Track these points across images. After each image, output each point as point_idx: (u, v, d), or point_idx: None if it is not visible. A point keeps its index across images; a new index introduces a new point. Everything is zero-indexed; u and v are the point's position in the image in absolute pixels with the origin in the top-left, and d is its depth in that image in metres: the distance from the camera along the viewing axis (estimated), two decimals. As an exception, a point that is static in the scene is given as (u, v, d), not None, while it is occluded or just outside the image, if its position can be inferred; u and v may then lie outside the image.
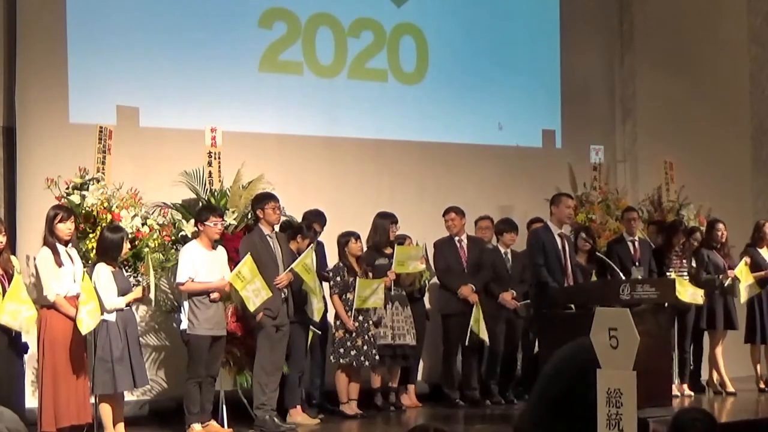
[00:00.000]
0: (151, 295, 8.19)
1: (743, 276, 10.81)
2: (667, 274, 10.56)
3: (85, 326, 7.61)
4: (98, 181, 8.61)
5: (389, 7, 11.28)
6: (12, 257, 7.79)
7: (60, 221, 7.89)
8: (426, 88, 11.47)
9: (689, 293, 10.40)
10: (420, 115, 11.40)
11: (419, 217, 10.66)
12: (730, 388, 10.95)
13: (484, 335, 10.06)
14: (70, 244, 8.01)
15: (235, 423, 8.80)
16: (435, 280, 10.52)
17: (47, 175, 8.49)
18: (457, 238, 10.32)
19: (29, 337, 7.80)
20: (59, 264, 7.82)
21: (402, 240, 10.04)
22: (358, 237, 9.61)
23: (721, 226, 11.14)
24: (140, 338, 8.42)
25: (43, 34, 9.30)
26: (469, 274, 10.24)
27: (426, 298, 10.62)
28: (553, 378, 5.46)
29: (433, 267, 10.42)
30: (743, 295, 10.86)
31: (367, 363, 9.51)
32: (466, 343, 10.11)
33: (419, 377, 10.61)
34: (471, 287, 10.13)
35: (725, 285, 10.91)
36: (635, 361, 5.39)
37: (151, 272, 8.11)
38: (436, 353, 10.60)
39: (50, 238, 7.87)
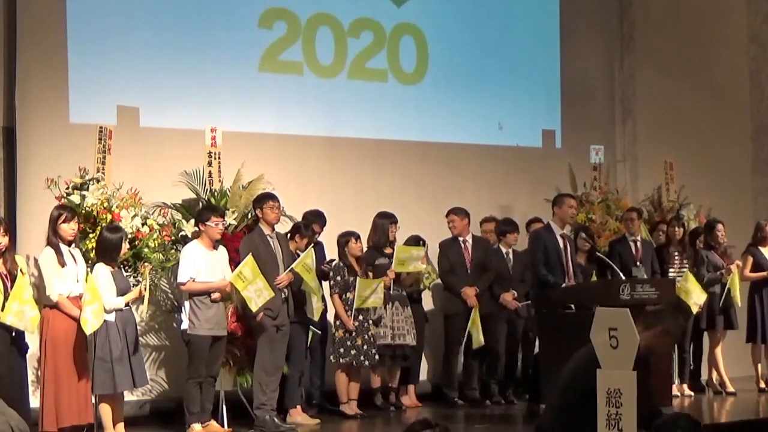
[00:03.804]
0: (145, 310, 8.20)
1: (735, 284, 10.81)
2: (669, 273, 10.57)
3: (90, 326, 7.62)
4: (98, 181, 8.61)
5: (389, 7, 11.28)
6: (17, 257, 7.79)
7: (64, 221, 7.90)
8: (426, 88, 11.47)
9: (694, 297, 10.39)
10: (420, 115, 11.40)
11: (419, 217, 10.66)
12: (730, 388, 10.95)
13: (478, 340, 10.04)
14: (73, 245, 8.02)
15: (235, 423, 8.80)
16: (438, 280, 10.51)
17: (47, 175, 8.49)
18: (461, 239, 10.33)
19: (30, 337, 7.81)
20: (62, 264, 7.82)
21: (416, 241, 10.05)
22: (358, 237, 9.62)
23: (720, 226, 11.14)
24: (140, 338, 8.41)
25: (43, 34, 9.29)
26: (472, 274, 10.24)
27: (427, 299, 10.63)
28: (577, 376, 5.47)
29: (435, 268, 10.42)
30: (739, 299, 10.87)
31: (366, 363, 9.51)
32: (462, 345, 10.11)
33: (423, 377, 10.62)
34: (474, 289, 10.12)
35: (724, 282, 10.91)
36: (657, 360, 5.41)
37: (148, 284, 8.08)
38: (439, 353, 10.61)
39: (53, 238, 7.87)
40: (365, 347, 9.45)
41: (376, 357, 9.56)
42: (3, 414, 5.92)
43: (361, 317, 9.47)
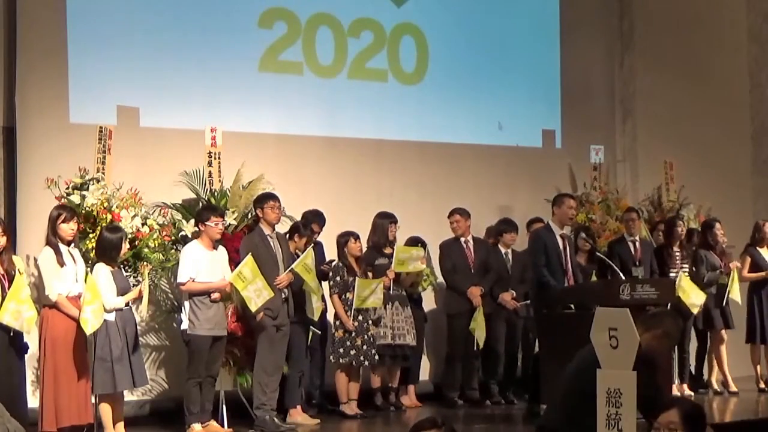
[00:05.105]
0: (144, 312, 8.21)
1: (735, 283, 10.80)
2: (670, 274, 10.56)
3: (90, 326, 7.63)
4: (98, 181, 8.61)
5: (389, 7, 11.28)
6: (15, 257, 7.80)
7: (63, 221, 7.91)
8: (426, 88, 11.47)
9: (693, 296, 10.37)
10: (420, 115, 11.40)
11: (419, 217, 10.66)
12: (733, 388, 10.94)
13: (481, 339, 10.03)
14: (72, 244, 8.02)
15: (235, 423, 8.80)
16: (441, 280, 10.50)
17: (47, 175, 8.49)
18: (463, 239, 10.32)
19: (30, 337, 7.81)
20: (61, 264, 7.83)
21: (415, 243, 10.05)
22: (357, 237, 9.62)
23: (719, 225, 11.13)
24: (140, 338, 8.42)
25: (43, 34, 9.29)
26: (476, 274, 10.23)
27: (429, 299, 10.64)
28: (579, 376, 5.48)
29: (435, 268, 10.41)
30: (739, 298, 10.86)
31: (366, 363, 9.51)
32: (475, 348, 10.09)
33: (425, 377, 10.62)
34: (480, 289, 10.11)
35: (721, 283, 10.90)
36: (658, 362, 5.41)
37: (147, 284, 8.08)
38: (439, 353, 10.61)
39: (53, 238, 7.88)
40: (365, 347, 9.45)
41: (376, 357, 9.57)
42: (1, 416, 5.93)
43: (360, 317, 9.47)
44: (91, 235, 8.37)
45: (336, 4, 10.94)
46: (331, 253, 9.73)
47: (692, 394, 10.85)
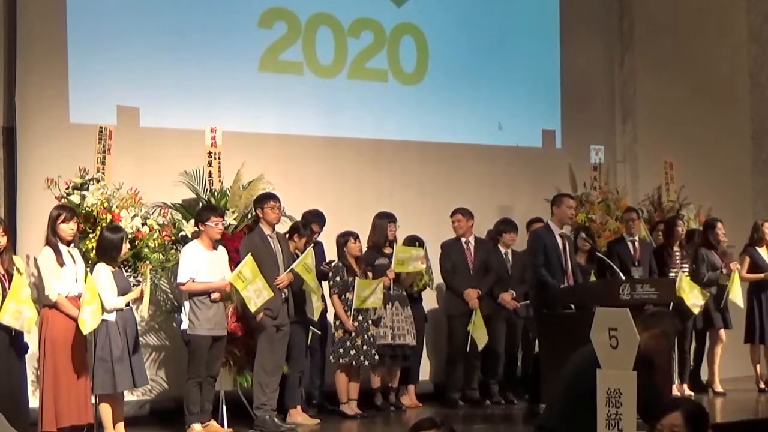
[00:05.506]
0: (144, 312, 8.20)
1: (735, 284, 10.78)
2: (670, 274, 10.56)
3: (88, 326, 7.62)
4: (98, 181, 8.61)
5: (389, 7, 11.28)
6: (15, 257, 7.80)
7: (63, 221, 7.91)
8: (426, 88, 11.47)
9: (693, 295, 10.36)
10: (420, 115, 11.40)
11: (419, 217, 10.66)
12: (718, 388, 10.93)
13: (480, 341, 10.01)
14: (72, 244, 8.02)
15: (235, 423, 8.80)
16: (440, 280, 10.49)
17: (47, 175, 8.49)
18: (464, 239, 10.31)
19: (30, 337, 7.81)
20: (61, 264, 7.83)
21: (412, 241, 10.05)
22: (357, 237, 9.62)
23: (720, 225, 11.12)
24: (140, 338, 8.42)
25: (43, 34, 9.29)
26: (475, 275, 10.22)
27: (429, 299, 10.63)
28: (579, 375, 5.47)
29: (433, 267, 10.41)
30: (740, 300, 10.85)
31: (366, 363, 9.51)
32: (468, 349, 10.08)
33: (425, 377, 10.62)
34: (477, 291, 10.10)
35: (722, 283, 10.89)
36: (656, 361, 5.40)
37: (148, 283, 8.08)
38: (440, 353, 10.61)
39: (52, 238, 7.88)
40: (365, 347, 9.45)
41: (376, 357, 9.57)
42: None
43: (360, 317, 9.47)
44: (91, 235, 8.37)
45: (336, 4, 10.94)
46: (331, 253, 9.73)
47: (692, 394, 10.85)
